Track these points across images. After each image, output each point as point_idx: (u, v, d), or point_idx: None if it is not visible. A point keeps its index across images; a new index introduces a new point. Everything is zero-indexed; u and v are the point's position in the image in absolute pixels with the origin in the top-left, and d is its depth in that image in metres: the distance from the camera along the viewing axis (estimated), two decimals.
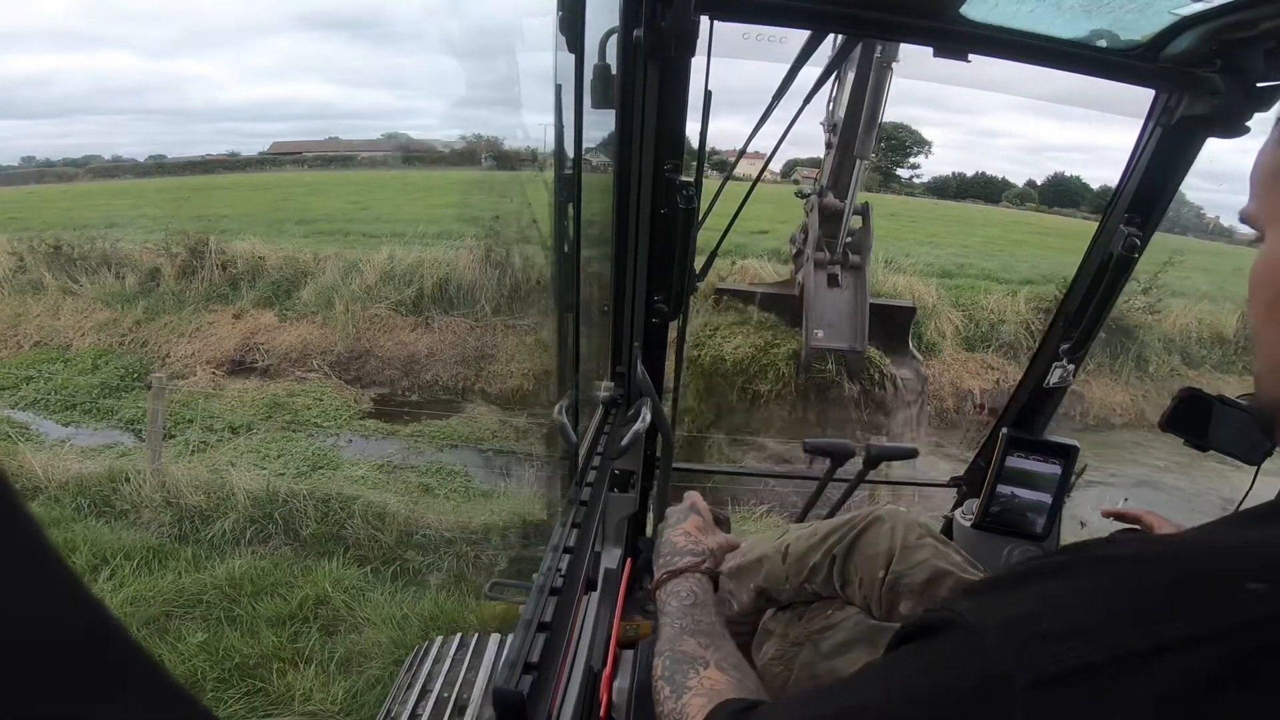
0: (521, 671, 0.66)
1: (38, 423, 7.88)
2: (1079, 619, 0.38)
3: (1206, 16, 1.09)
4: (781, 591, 1.25)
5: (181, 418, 7.43)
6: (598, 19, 0.99)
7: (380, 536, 4.82)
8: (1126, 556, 0.42)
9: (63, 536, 4.59)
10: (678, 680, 0.79)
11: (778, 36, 1.22)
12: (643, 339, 1.41)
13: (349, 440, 7.67)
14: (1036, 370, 1.75)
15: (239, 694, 3.40)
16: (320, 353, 9.35)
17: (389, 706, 2.78)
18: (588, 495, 1.05)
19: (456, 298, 9.84)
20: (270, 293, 10.41)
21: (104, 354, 9.57)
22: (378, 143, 37.53)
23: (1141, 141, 1.41)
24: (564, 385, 1.21)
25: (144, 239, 11.75)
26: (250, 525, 4.88)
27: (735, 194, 1.62)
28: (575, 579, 0.88)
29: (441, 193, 13.49)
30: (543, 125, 1.01)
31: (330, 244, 12.09)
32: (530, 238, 8.82)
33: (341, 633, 3.92)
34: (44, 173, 31.88)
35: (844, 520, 1.22)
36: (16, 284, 10.85)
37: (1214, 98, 1.20)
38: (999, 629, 0.39)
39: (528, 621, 0.73)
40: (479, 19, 10.92)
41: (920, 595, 1.08)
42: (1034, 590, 0.42)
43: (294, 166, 33.91)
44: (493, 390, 8.93)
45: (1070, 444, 1.71)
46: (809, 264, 5.79)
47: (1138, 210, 1.45)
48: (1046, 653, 0.37)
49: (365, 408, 8.54)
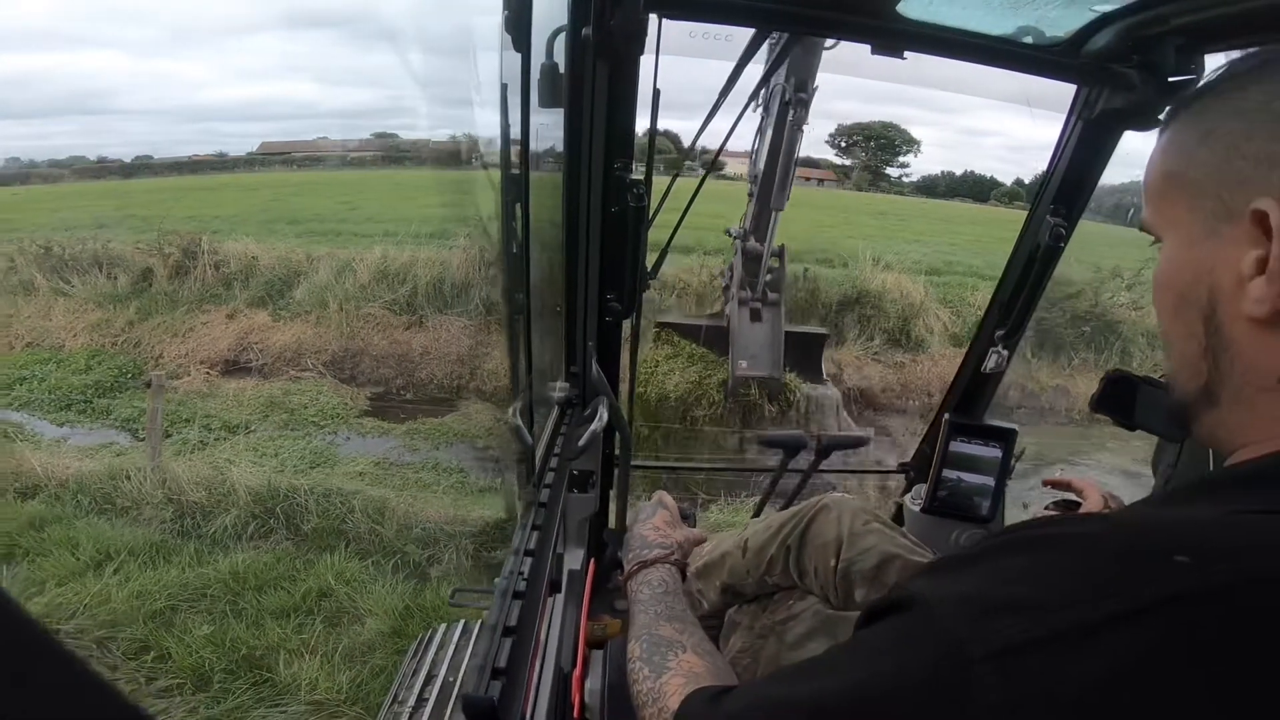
0: (490, 677, 0.65)
1: (32, 423, 7.85)
2: (1028, 594, 0.39)
3: (1123, 14, 1.13)
4: (745, 585, 1.27)
5: (178, 417, 7.43)
6: (544, 18, 0.98)
7: (380, 530, 4.87)
8: (1070, 534, 0.44)
9: (65, 533, 4.63)
10: (656, 661, 0.81)
11: (723, 35, 1.24)
12: (597, 338, 1.40)
13: (346, 438, 7.69)
14: (974, 357, 1.78)
15: (246, 684, 3.45)
16: (315, 352, 9.35)
17: (395, 691, 2.85)
18: (546, 497, 1.05)
19: (450, 296, 9.90)
20: (264, 292, 10.38)
21: (97, 354, 9.52)
22: (367, 142, 37.33)
23: (1064, 135, 1.45)
24: (517, 387, 1.19)
25: (135, 239, 11.71)
26: (252, 520, 4.92)
27: (689, 190, 1.59)
28: (539, 582, 0.87)
29: (432, 192, 13.53)
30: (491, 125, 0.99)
31: (322, 244, 12.11)
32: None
33: (345, 624, 3.97)
34: (29, 174, 31.51)
35: (794, 511, 1.24)
36: (7, 285, 10.78)
37: (1130, 92, 1.23)
38: (953, 604, 0.41)
39: (493, 626, 0.72)
40: (424, 16, 10.80)
41: (872, 581, 1.11)
42: (985, 567, 0.44)
43: (282, 167, 33.71)
44: (487, 388, 8.99)
45: (1009, 428, 1.72)
46: (734, 301, 6.53)
47: (1062, 202, 1.49)
48: (997, 626, 0.38)
49: (362, 406, 8.55)
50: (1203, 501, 0.47)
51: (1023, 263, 1.59)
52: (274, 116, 73.31)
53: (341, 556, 4.57)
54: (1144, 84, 1.20)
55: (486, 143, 1.00)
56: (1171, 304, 0.53)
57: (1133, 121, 1.31)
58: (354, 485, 5.58)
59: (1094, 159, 1.44)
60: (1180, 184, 0.51)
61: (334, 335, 9.55)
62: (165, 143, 70.24)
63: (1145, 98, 1.22)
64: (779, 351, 6.64)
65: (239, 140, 68.75)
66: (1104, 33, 1.17)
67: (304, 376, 9.07)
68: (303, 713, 3.32)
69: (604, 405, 1.36)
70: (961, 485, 1.71)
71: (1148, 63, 1.19)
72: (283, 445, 7.09)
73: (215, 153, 39.04)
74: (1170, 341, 0.54)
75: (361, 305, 9.89)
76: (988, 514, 1.69)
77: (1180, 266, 0.52)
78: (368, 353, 9.39)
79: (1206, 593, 0.36)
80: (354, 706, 3.38)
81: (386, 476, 6.35)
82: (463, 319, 9.70)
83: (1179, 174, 0.52)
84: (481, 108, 0.95)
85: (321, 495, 5.13)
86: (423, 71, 1.10)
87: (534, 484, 1.12)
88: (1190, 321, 0.51)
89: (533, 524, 0.96)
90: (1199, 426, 0.54)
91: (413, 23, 11.79)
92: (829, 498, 1.21)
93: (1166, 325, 0.54)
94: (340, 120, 57.02)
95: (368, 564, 4.51)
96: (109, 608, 3.90)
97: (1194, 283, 0.50)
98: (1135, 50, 1.18)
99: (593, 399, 1.40)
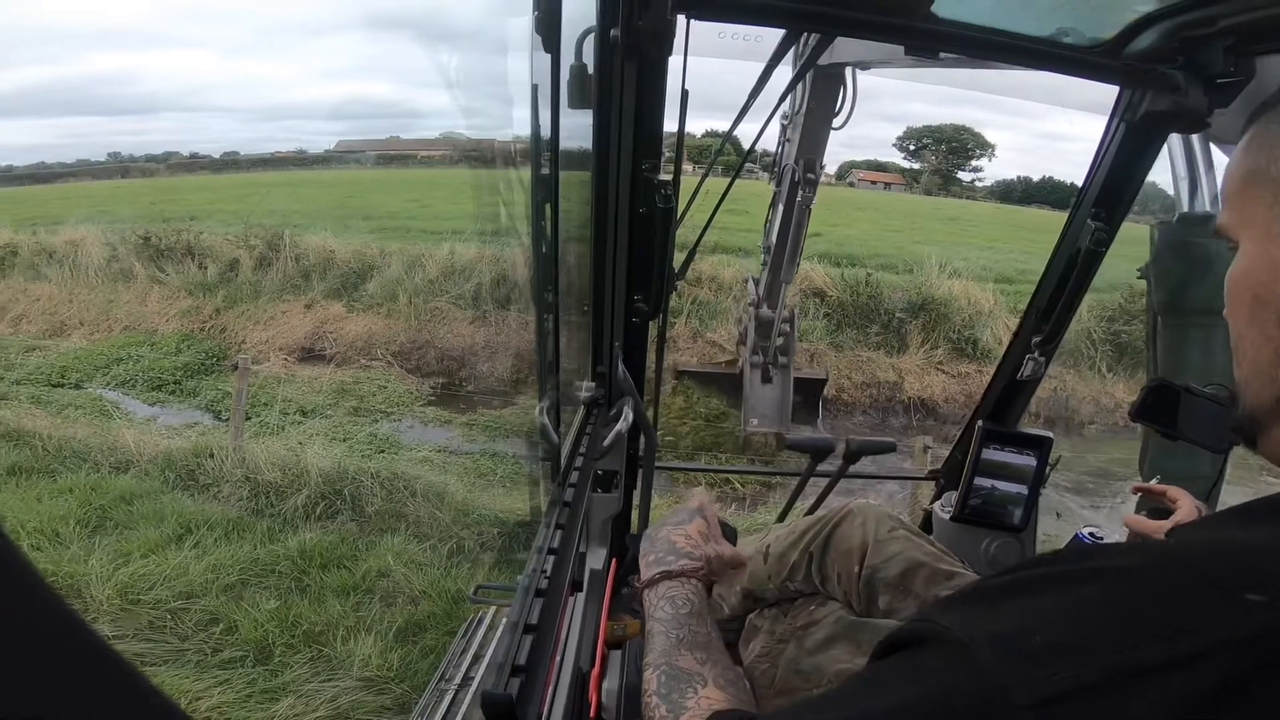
0: (510, 674, 0.64)
1: (126, 401, 8.41)
2: (1073, 636, 0.37)
3: (1168, 14, 1.11)
4: (766, 591, 1.25)
5: (258, 400, 7.81)
6: (574, 19, 0.97)
7: (439, 515, 5.02)
8: (1112, 569, 0.41)
9: (152, 507, 4.91)
10: (674, 699, 0.74)
11: (753, 35, 1.20)
12: (623, 339, 1.39)
13: (410, 425, 7.97)
14: (1009, 363, 1.74)
15: (304, 659, 3.60)
16: (384, 342, 9.71)
17: (444, 669, 2.97)
18: (571, 496, 1.03)
19: (509, 293, 10.14)
20: (339, 285, 10.82)
21: (186, 339, 10.09)
22: (435, 142, 38.27)
23: (1107, 137, 1.41)
24: (544, 386, 1.19)
25: (223, 232, 12.35)
26: (321, 501, 5.12)
27: (720, 191, 1.57)
28: (561, 580, 0.85)
29: (495, 191, 13.78)
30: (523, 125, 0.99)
31: (394, 239, 12.52)
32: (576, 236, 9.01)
33: (400, 604, 4.11)
34: (128, 168, 33.48)
35: (818, 517, 1.23)
36: (109, 273, 11.52)
37: (1175, 94, 1.20)
38: (989, 644, 0.38)
39: (514, 624, 0.72)
40: (458, 17, 10.70)
41: (896, 589, 1.09)
42: (1020, 604, 0.41)
43: (357, 165, 34.83)
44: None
45: (1044, 435, 1.68)
46: (747, 365, 6.99)
47: (1104, 205, 1.45)
48: (1041, 673, 0.35)
49: (426, 395, 8.84)
50: (1263, 525, 0.43)
51: (1062, 267, 1.55)
52: (350, 116, 75.97)
53: (401, 538, 4.74)
54: (1190, 85, 1.18)
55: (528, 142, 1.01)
56: (1246, 306, 0.51)
57: (1178, 124, 1.28)
58: (416, 471, 5.77)
59: (1137, 162, 1.41)
60: (1261, 181, 0.50)
61: (402, 327, 9.89)
62: (251, 140, 73.69)
63: (1191, 100, 1.18)
64: (787, 410, 7.15)
65: (318, 138, 71.66)
66: (1148, 33, 1.15)
67: (373, 365, 9.43)
68: (353, 688, 3.44)
69: (629, 406, 1.36)
70: (995, 494, 1.69)
71: (1194, 64, 1.17)
72: (352, 430, 7.38)
73: (296, 150, 40.64)
74: (1243, 347, 0.51)
75: (429, 300, 10.22)
76: (1019, 523, 1.67)
77: (1258, 265, 0.50)
78: (433, 345, 9.68)
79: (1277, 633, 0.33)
80: (401, 684, 3.49)
81: (447, 464, 6.55)
82: (523, 314, 9.92)
83: (1260, 171, 0.50)
84: (521, 108, 0.96)
85: (386, 479, 5.32)
86: (485, 72, 1.10)
87: (559, 482, 1.10)
88: (1265, 324, 0.49)
89: (556, 522, 0.94)
90: (1267, 440, 0.51)
91: (472, 24, 11.96)
92: (854, 504, 1.21)
93: (1240, 330, 0.52)
94: (410, 120, 58.52)
95: (425, 547, 4.66)
96: (186, 580, 4.11)
97: (1271, 282, 0.48)
98: (1181, 51, 1.16)
99: (618, 399, 1.39)
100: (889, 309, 10.27)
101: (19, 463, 5.66)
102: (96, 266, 11.62)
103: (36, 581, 0.18)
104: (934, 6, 1.10)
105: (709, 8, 1.10)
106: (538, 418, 1.11)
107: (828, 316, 10.35)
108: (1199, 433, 1.14)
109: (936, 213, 26.80)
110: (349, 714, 3.32)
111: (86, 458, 5.76)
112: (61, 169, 31.41)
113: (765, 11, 1.14)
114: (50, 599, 0.18)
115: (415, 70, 36.81)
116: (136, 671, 0.20)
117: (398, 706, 3.36)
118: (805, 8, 1.13)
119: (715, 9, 1.12)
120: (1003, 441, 1.69)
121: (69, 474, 5.50)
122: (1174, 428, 1.16)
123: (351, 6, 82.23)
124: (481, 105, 1.10)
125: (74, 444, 5.96)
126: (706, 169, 1.55)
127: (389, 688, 3.48)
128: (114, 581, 4.00)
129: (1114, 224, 1.47)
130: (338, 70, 72.85)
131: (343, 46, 78.05)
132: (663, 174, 1.22)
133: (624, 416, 1.33)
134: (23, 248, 12.42)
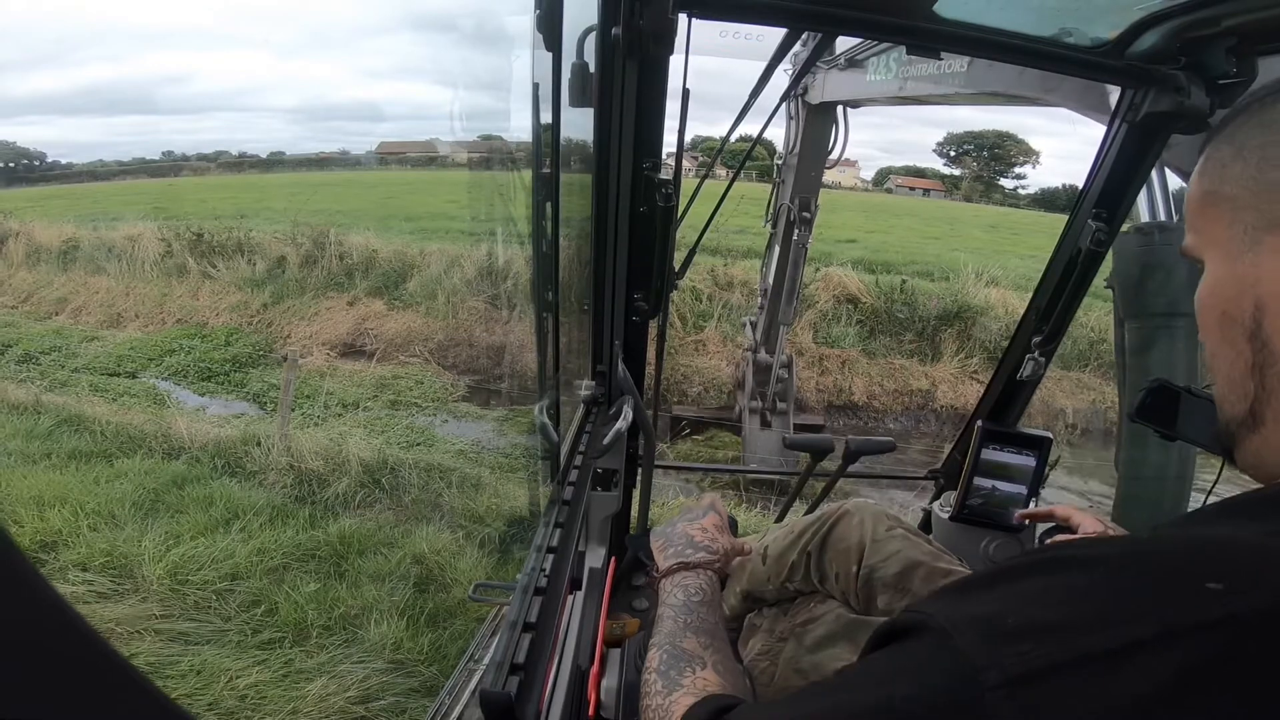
0: (508, 673, 0.64)
1: (178, 391, 8.75)
2: (1046, 617, 0.38)
3: (1170, 14, 1.10)
4: (765, 591, 1.26)
5: (301, 392, 8.01)
6: (575, 17, 0.97)
7: (472, 506, 5.16)
8: (1091, 557, 0.42)
9: (202, 492, 5.10)
10: (672, 676, 0.75)
11: (755, 34, 1.21)
12: (623, 337, 1.38)
13: (445, 420, 8.17)
14: (1009, 363, 1.72)
15: (339, 641, 3.71)
16: (423, 339, 9.94)
17: (472, 650, 3.06)
18: (570, 494, 1.03)
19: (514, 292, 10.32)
20: (381, 283, 11.10)
21: (235, 333, 10.44)
22: (474, 144, 38.63)
23: (1108, 138, 1.40)
24: (544, 385, 1.18)
25: (271, 229, 12.75)
26: (360, 490, 5.29)
27: (716, 192, 1.58)
28: (560, 579, 0.85)
29: (497, 191, 13.98)
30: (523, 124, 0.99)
31: (433, 239, 12.78)
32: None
33: (432, 591, 4.21)
34: (180, 166, 34.62)
35: (816, 517, 1.23)
36: (164, 268, 11.97)
37: (1177, 94, 1.19)
38: (967, 627, 0.40)
39: (513, 622, 0.71)
40: (458, 17, 10.78)
41: (895, 588, 1.09)
42: (1002, 590, 0.42)
43: (398, 165, 35.40)
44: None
45: (1044, 435, 1.66)
46: (745, 411, 7.04)
47: (1105, 205, 1.44)
48: (1013, 651, 0.37)
49: (461, 391, 9.03)
50: (1232, 522, 0.45)
51: (1062, 267, 1.54)
52: (392, 117, 77.52)
53: (436, 527, 4.88)
54: (1192, 86, 1.18)
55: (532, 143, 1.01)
56: (1216, 323, 0.52)
57: (1180, 124, 1.27)
58: (452, 463, 5.93)
59: (1138, 162, 1.40)
60: (1218, 200, 0.52)
61: (440, 325, 10.12)
62: (297, 139, 75.79)
63: (1194, 100, 1.18)
64: (783, 452, 7.18)
65: (360, 139, 73.24)
66: (1150, 34, 1.15)
67: (411, 362, 9.66)
68: (383, 669, 3.53)
69: (629, 405, 1.36)
70: (994, 494, 1.67)
71: (1196, 64, 1.17)
72: (390, 423, 7.59)
73: (339, 150, 41.52)
74: (1216, 363, 0.53)
75: (466, 298, 10.43)
76: (1018, 523, 1.65)
77: (1223, 282, 0.51)
78: (469, 342, 9.89)
79: (1240, 620, 0.35)
80: (430, 667, 3.59)
81: (480, 457, 6.71)
82: (524, 313, 10.06)
83: (1215, 192, 0.52)
84: (522, 106, 0.97)
85: (422, 470, 5.49)
86: (485, 71, 1.13)
87: (558, 481, 1.10)
88: (1235, 340, 0.50)
89: (555, 521, 0.94)
90: (1242, 453, 0.52)
91: (473, 24, 12.01)
92: (851, 503, 1.21)
93: (1213, 346, 0.53)
94: (449, 122, 59.50)
95: (458, 536, 4.79)
96: (232, 563, 4.25)
97: (1238, 297, 0.50)
98: (1183, 52, 1.16)
99: (618, 398, 1.39)
100: (924, 316, 10.18)
101: (79, 447, 5.91)
102: (152, 261, 12.07)
103: (37, 582, 0.18)
104: (936, 6, 1.11)
105: (710, 7, 1.10)
106: (537, 416, 1.13)
107: (860, 323, 10.31)
108: (1198, 433, 1.12)
109: (977, 219, 26.35)
110: (378, 694, 3.41)
111: (141, 443, 5.99)
112: (119, 167, 32.62)
113: (766, 10, 1.14)
114: (51, 599, 0.18)
115: (415, 71, 37.20)
116: (137, 671, 0.20)
117: (424, 689, 3.44)
118: (807, 7, 1.13)
119: (716, 8, 1.12)
120: (1002, 441, 1.67)
121: (125, 459, 5.72)
122: (1173, 428, 1.14)
123: (352, 8, 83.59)
124: (485, 105, 1.13)
125: (129, 430, 6.21)
126: (706, 170, 1.54)
127: (418, 670, 3.58)
128: (165, 562, 4.17)
129: (1114, 224, 1.46)
130: (334, 76, 74.13)
131: (340, 55, 79.57)
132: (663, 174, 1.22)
133: (624, 415, 1.33)
134: (84, 242, 12.97)
